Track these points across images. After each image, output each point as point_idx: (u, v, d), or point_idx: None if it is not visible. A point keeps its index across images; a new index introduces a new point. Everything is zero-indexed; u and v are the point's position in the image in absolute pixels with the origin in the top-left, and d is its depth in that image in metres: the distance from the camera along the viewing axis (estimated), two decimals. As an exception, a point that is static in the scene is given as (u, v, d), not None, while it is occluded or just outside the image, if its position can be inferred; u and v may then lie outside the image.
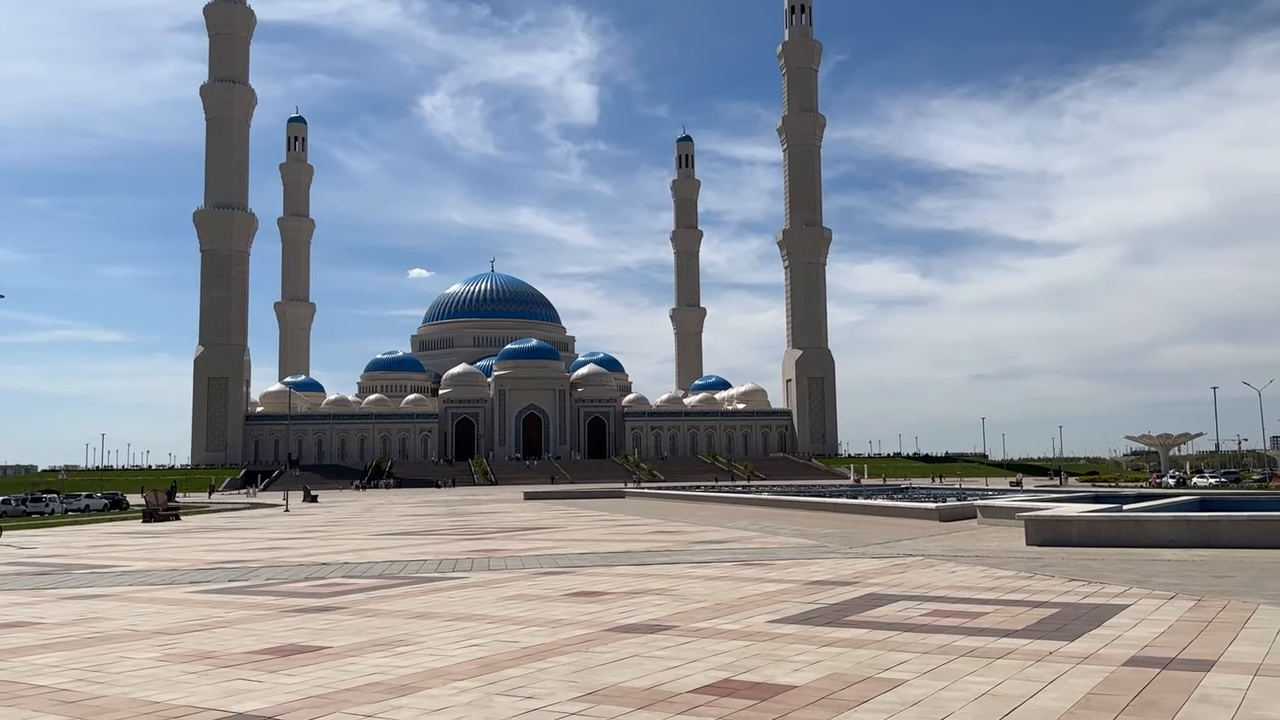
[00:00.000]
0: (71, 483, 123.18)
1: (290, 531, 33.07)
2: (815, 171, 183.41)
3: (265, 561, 20.23)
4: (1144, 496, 35.65)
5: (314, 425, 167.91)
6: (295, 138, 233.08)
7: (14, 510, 58.68)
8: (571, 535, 26.54)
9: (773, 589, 13.43)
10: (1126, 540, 20.05)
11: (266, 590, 14.77)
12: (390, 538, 27.66)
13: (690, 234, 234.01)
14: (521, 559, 19.11)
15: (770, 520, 31.91)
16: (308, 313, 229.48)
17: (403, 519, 42.01)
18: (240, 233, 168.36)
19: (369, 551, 22.25)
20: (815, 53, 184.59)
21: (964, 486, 65.07)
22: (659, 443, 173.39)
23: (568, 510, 46.18)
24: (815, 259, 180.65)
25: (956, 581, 14.03)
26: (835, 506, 37.11)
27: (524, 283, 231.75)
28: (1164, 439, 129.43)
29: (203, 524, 42.01)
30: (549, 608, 11.95)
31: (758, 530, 26.60)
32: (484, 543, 24.26)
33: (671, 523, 32.47)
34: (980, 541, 21.67)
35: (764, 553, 19.37)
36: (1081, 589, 12.90)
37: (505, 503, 59.80)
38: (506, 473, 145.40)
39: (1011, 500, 30.12)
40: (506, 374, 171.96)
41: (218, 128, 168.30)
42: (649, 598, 12.67)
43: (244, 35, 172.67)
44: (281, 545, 25.47)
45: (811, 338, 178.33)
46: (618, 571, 16.32)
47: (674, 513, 40.65)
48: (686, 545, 21.88)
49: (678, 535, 25.51)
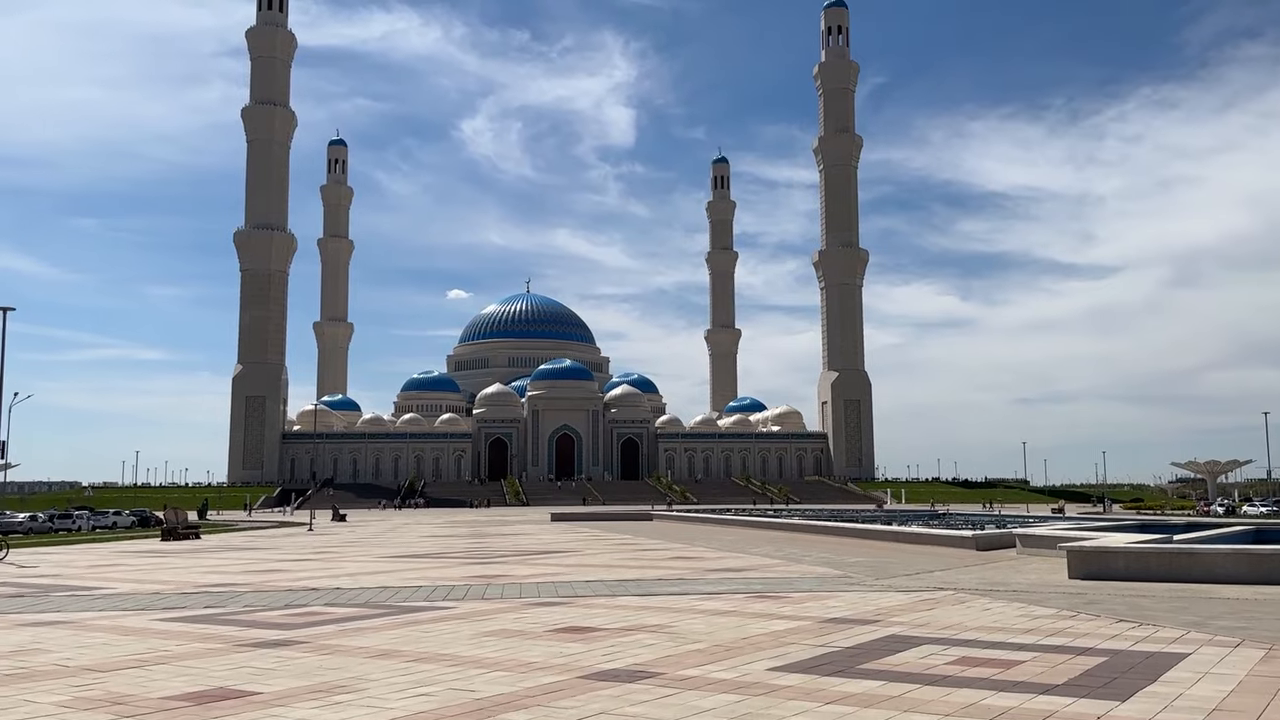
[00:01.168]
0: (108, 499, 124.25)
1: (302, 552, 32.16)
2: (852, 192, 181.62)
3: (255, 585, 19.21)
4: (1194, 526, 33.60)
5: (349, 444, 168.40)
6: (335, 160, 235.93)
7: (40, 527, 58.64)
8: (585, 560, 25.29)
9: (782, 627, 12.08)
10: (1179, 574, 18.37)
11: (235, 619, 13.69)
12: (398, 560, 26.60)
13: (725, 255, 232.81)
14: (521, 587, 17.90)
15: (796, 546, 30.42)
16: (346, 332, 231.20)
17: (422, 540, 41.01)
18: (279, 253, 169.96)
19: (367, 575, 21.17)
20: (852, 73, 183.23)
21: (1004, 513, 62.80)
22: (692, 464, 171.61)
23: (591, 533, 44.90)
24: (852, 280, 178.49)
25: (990, 621, 12.59)
26: (865, 533, 35.50)
27: (559, 303, 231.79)
28: (1212, 466, 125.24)
29: (220, 543, 41.31)
30: (526, 647, 10.71)
31: (780, 557, 25.16)
32: (491, 567, 23.09)
33: (693, 548, 31.09)
34: (1018, 573, 20.09)
35: (781, 583, 17.98)
36: (1132, 632, 11.41)
37: (531, 524, 58.66)
38: (538, 493, 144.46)
39: (1053, 528, 28.36)
40: (540, 394, 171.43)
41: (258, 149, 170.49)
42: (641, 636, 11.39)
43: (284, 58, 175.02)
44: (283, 568, 24.49)
45: (848, 359, 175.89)
46: (618, 603, 15.04)
47: (699, 537, 39.24)
48: (701, 573, 20.54)
49: (695, 562, 24.17)
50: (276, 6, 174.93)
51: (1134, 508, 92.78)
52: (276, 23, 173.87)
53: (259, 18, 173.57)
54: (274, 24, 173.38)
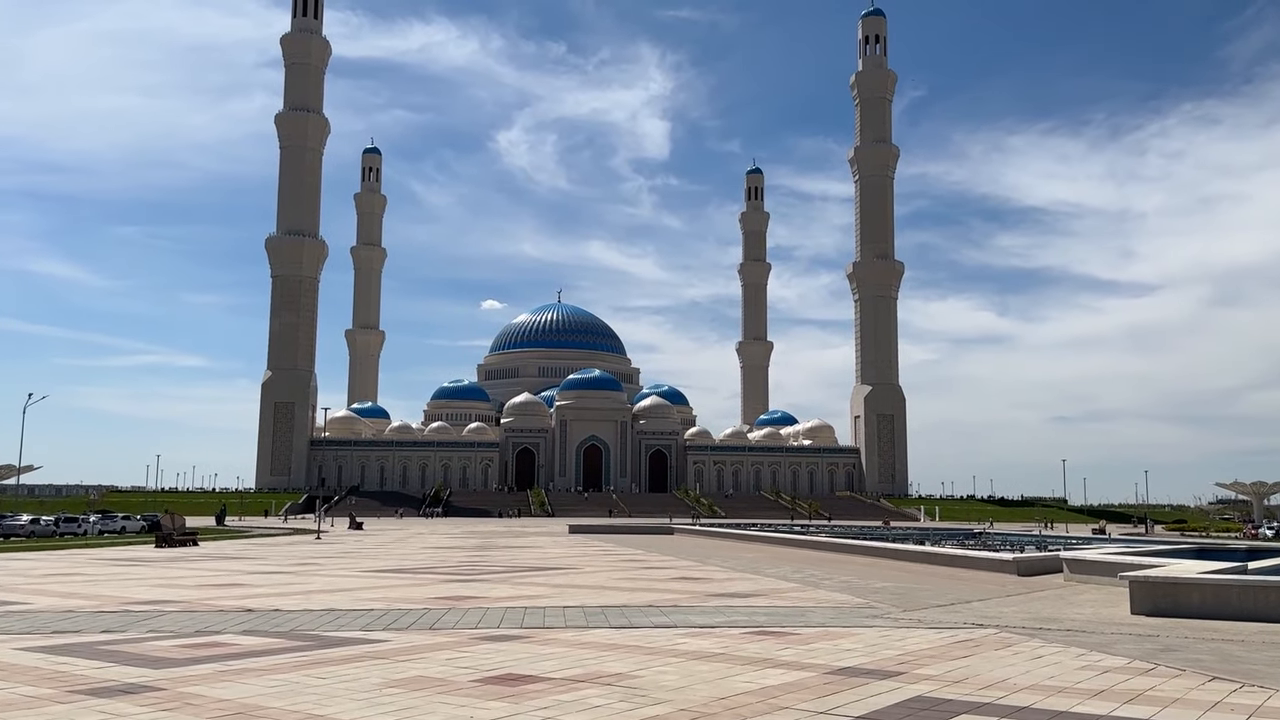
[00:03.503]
0: (133, 503, 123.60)
1: (283, 564, 29.93)
2: (887, 203, 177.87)
3: (192, 604, 16.89)
4: (1257, 552, 30.41)
5: (376, 451, 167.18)
6: (369, 168, 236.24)
7: (44, 530, 57.12)
8: (576, 580, 22.71)
9: (776, 681, 9.45)
10: (1267, 613, 15.48)
11: (115, 651, 11.31)
12: (375, 576, 24.23)
13: (758, 266, 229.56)
14: (486, 613, 15.38)
15: (819, 567, 27.65)
16: (377, 340, 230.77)
17: (422, 551, 38.74)
18: (310, 259, 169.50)
19: (324, 595, 18.78)
20: (889, 82, 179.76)
21: (1044, 534, 59.28)
22: (721, 478, 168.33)
23: (603, 547, 42.35)
24: (886, 292, 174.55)
25: (1046, 675, 9.86)
26: (895, 553, 32.61)
27: (589, 313, 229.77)
28: (1258, 487, 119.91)
29: (210, 551, 39.28)
30: (434, 706, 8.19)
31: (797, 580, 22.44)
32: (468, 587, 20.59)
33: (705, 566, 28.44)
34: (1071, 606, 17.24)
35: (790, 614, 15.28)
36: (1238, 698, 8.66)
37: (546, 536, 56.21)
38: (564, 504, 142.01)
39: (1105, 553, 25.34)
40: (568, 404, 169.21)
41: (291, 155, 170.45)
42: (589, 692, 8.82)
43: (318, 65, 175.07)
44: (246, 582, 22.20)
45: (882, 373, 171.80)
46: (586, 638, 12.48)
47: (716, 554, 36.56)
48: (702, 599, 17.90)
49: (700, 584, 21.53)
50: (311, 13, 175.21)
51: (1177, 529, 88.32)
52: (311, 29, 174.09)
53: (293, 24, 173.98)
54: (308, 30, 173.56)
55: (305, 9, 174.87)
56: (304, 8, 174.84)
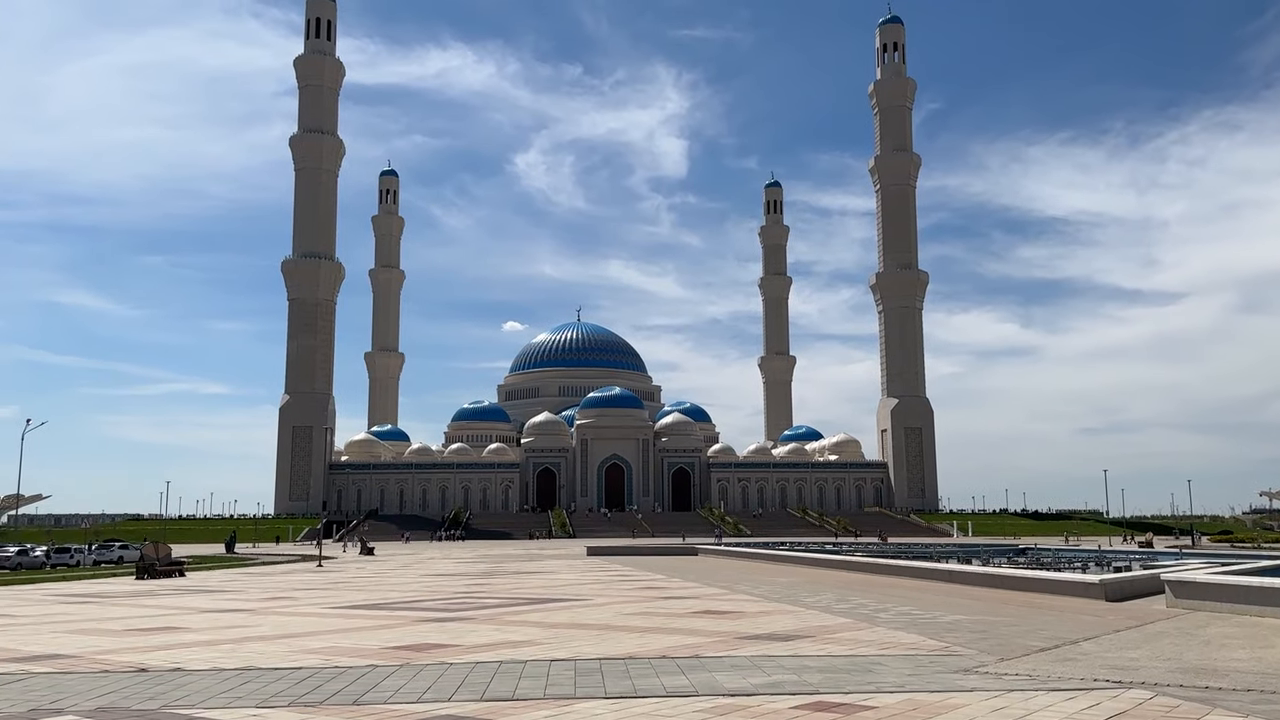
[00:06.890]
0: (147, 530, 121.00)
1: (255, 599, 26.39)
2: (909, 213, 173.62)
3: (74, 661, 13.32)
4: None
5: (396, 474, 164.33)
6: (387, 190, 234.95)
7: (32, 561, 53.95)
8: (580, 616, 18.95)
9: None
10: None
11: None
12: (343, 615, 20.59)
13: (779, 281, 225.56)
14: (444, 672, 11.65)
15: (865, 593, 23.74)
16: (397, 363, 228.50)
17: (420, 580, 35.15)
18: (327, 282, 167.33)
19: (262, 643, 15.15)
20: (909, 90, 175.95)
21: (1088, 548, 54.77)
22: (746, 495, 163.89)
23: (620, 571, 38.56)
24: (911, 303, 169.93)
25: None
26: (948, 574, 28.61)
27: (609, 331, 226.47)
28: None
29: (188, 584, 35.81)
30: None
31: (845, 612, 18.58)
32: (443, 630, 16.83)
33: (734, 594, 24.63)
34: (1212, 647, 13.29)
35: (853, 670, 11.43)
36: None
37: (561, 560, 52.44)
38: (586, 525, 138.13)
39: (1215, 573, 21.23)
40: (589, 423, 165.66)
41: (306, 178, 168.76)
42: None
43: (332, 87, 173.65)
44: (183, 625, 18.63)
45: (908, 385, 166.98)
46: (566, 714, 8.75)
47: (746, 577, 32.70)
48: (731, 643, 14.09)
49: (730, 619, 17.73)
50: (324, 35, 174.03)
51: (1224, 540, 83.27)
52: (324, 51, 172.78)
53: (306, 46, 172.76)
54: (321, 53, 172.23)
55: (318, 31, 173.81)
56: (317, 29, 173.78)
